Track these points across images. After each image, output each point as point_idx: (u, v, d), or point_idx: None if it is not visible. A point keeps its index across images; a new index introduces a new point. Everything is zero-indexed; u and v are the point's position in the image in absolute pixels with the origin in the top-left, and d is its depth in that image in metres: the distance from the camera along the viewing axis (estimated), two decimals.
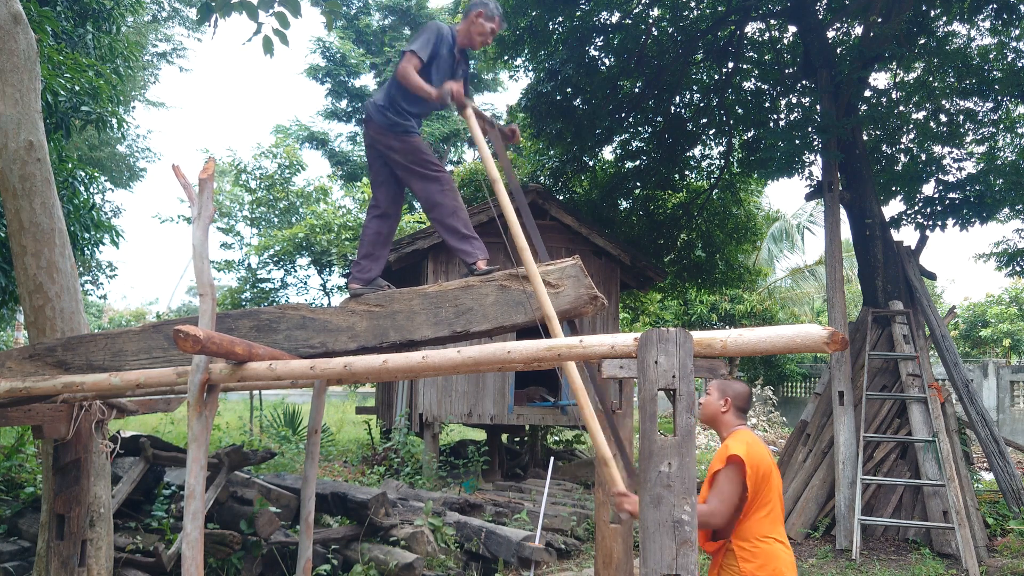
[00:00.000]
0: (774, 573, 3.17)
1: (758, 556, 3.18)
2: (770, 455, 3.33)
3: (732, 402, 3.40)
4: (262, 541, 5.87)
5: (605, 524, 4.59)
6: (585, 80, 11.51)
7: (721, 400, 3.41)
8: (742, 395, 3.41)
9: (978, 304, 23.49)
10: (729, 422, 3.40)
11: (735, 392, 3.41)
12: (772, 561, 3.18)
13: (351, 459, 12.32)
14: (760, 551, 3.19)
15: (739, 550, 3.21)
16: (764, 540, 3.21)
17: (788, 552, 3.28)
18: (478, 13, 4.12)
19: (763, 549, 3.19)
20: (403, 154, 4.05)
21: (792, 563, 3.26)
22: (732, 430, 3.38)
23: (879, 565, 7.55)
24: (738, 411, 3.41)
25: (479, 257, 3.92)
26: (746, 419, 3.51)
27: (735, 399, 3.40)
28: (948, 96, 10.40)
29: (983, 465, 12.66)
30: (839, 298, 9.20)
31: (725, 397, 3.41)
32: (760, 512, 3.23)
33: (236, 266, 15.68)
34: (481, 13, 4.12)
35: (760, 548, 3.19)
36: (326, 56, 24.70)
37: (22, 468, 7.13)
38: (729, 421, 3.40)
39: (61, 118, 7.10)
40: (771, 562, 3.18)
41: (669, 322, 20.86)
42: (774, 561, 3.18)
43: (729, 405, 3.40)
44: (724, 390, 3.42)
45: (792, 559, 3.28)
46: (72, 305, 4.49)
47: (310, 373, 3.01)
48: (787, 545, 3.31)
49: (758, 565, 3.17)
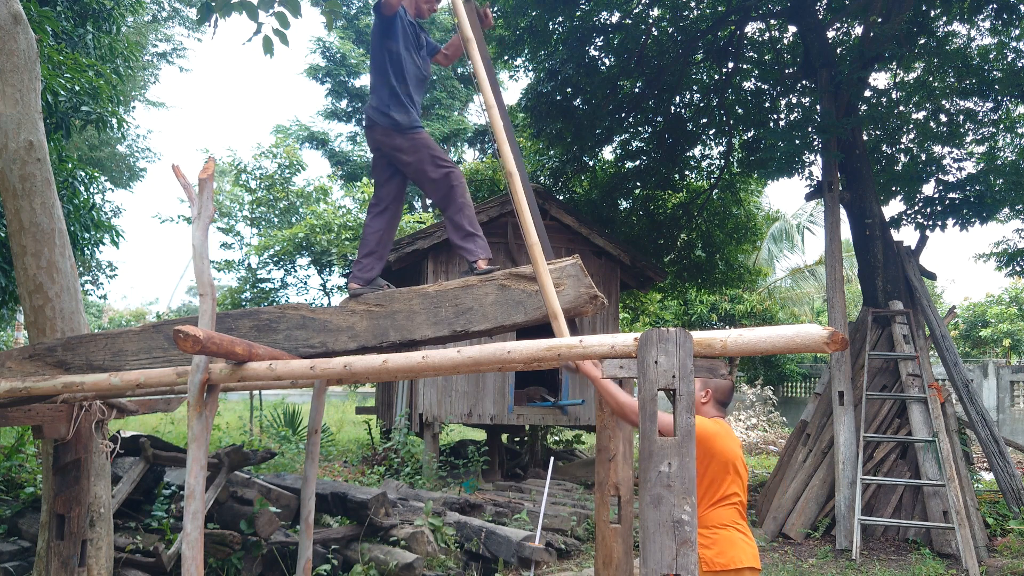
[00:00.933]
0: (732, 560, 3.23)
1: (717, 543, 3.25)
2: (738, 449, 3.39)
3: (712, 394, 3.47)
4: (262, 541, 5.87)
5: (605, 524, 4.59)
6: (585, 80, 11.51)
7: (702, 391, 3.47)
8: (723, 389, 3.48)
9: (978, 304, 23.49)
10: (707, 413, 3.47)
11: (716, 385, 3.48)
12: (731, 548, 3.25)
13: (351, 459, 12.32)
14: (720, 537, 3.26)
15: (699, 536, 3.26)
16: (724, 527, 3.28)
17: (750, 542, 3.33)
18: None
19: (722, 535, 3.26)
20: (411, 153, 4.04)
21: (754, 554, 3.31)
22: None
23: (879, 565, 7.55)
24: (717, 404, 3.48)
25: (481, 256, 3.91)
26: (725, 412, 3.56)
27: (715, 391, 3.47)
28: (948, 96, 10.40)
29: (983, 465, 12.67)
30: (839, 298, 9.20)
31: (706, 389, 3.48)
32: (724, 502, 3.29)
33: (236, 266, 15.69)
34: None
35: (720, 535, 3.26)
36: (326, 56, 24.72)
37: (22, 468, 7.13)
38: (707, 412, 3.47)
39: (61, 118, 7.10)
40: (730, 548, 3.25)
41: (669, 322, 20.86)
42: (733, 548, 3.25)
43: (709, 396, 3.47)
44: (706, 382, 3.49)
45: (755, 550, 3.34)
46: (72, 305, 4.49)
47: (310, 373, 3.01)
48: (749, 535, 3.36)
49: (717, 551, 3.24)
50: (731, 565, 3.24)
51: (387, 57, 4.06)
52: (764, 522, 8.83)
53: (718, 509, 3.30)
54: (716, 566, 3.24)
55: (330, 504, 6.69)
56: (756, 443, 17.27)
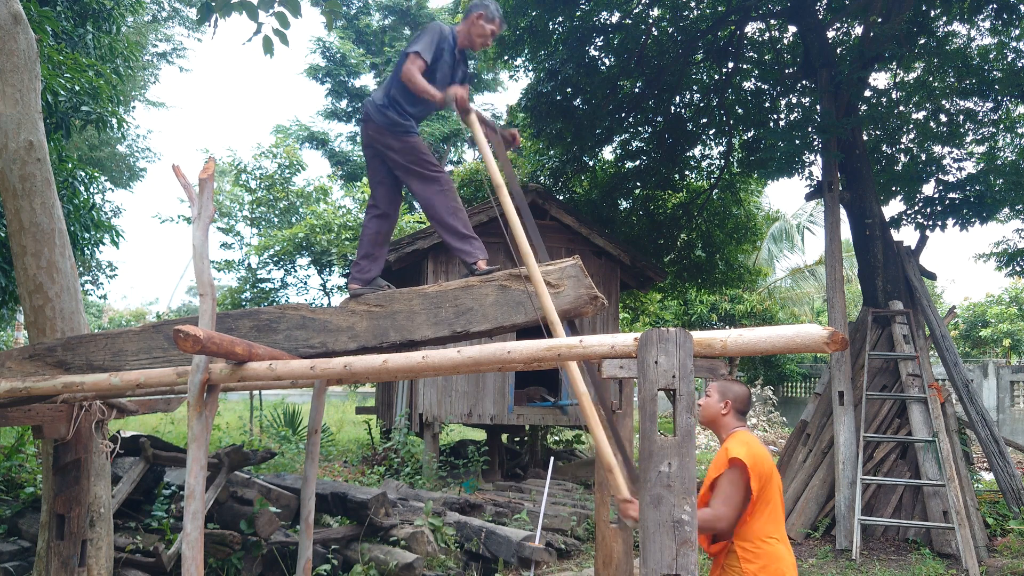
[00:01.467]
0: (776, 574, 3.17)
1: (761, 557, 3.18)
2: (770, 456, 3.34)
3: (732, 404, 3.40)
4: (262, 541, 5.87)
5: (605, 524, 4.60)
6: (585, 80, 11.51)
7: (721, 403, 3.41)
8: (742, 397, 3.41)
9: (978, 304, 23.49)
10: (729, 424, 3.40)
11: (735, 394, 3.41)
12: (775, 562, 3.19)
13: (351, 459, 12.32)
14: (763, 552, 3.19)
15: (741, 551, 3.21)
16: (766, 541, 3.21)
17: (789, 552, 3.28)
18: (479, 15, 4.11)
19: (765, 550, 3.19)
20: (402, 154, 4.05)
21: (793, 564, 3.27)
22: (731, 432, 3.38)
23: (879, 565, 7.55)
24: (738, 413, 3.41)
25: (479, 257, 3.92)
26: (745, 421, 3.52)
27: (735, 401, 3.41)
28: (948, 96, 10.40)
29: (983, 465, 12.66)
30: (839, 298, 9.20)
31: (725, 400, 3.41)
32: (762, 513, 3.23)
33: (236, 266, 15.69)
34: (482, 15, 4.11)
35: (763, 549, 3.19)
36: (326, 56, 24.70)
37: (22, 468, 7.13)
38: (729, 423, 3.40)
39: (61, 118, 7.10)
40: (773, 563, 3.18)
41: (669, 322, 20.86)
42: (777, 562, 3.19)
43: (729, 407, 3.40)
44: (724, 392, 3.42)
45: (793, 560, 3.29)
46: (72, 305, 4.49)
47: (310, 373, 3.01)
48: (788, 545, 3.31)
49: (761, 566, 3.17)
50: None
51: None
52: None
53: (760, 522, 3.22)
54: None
55: (330, 504, 6.69)
56: None
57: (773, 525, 3.25)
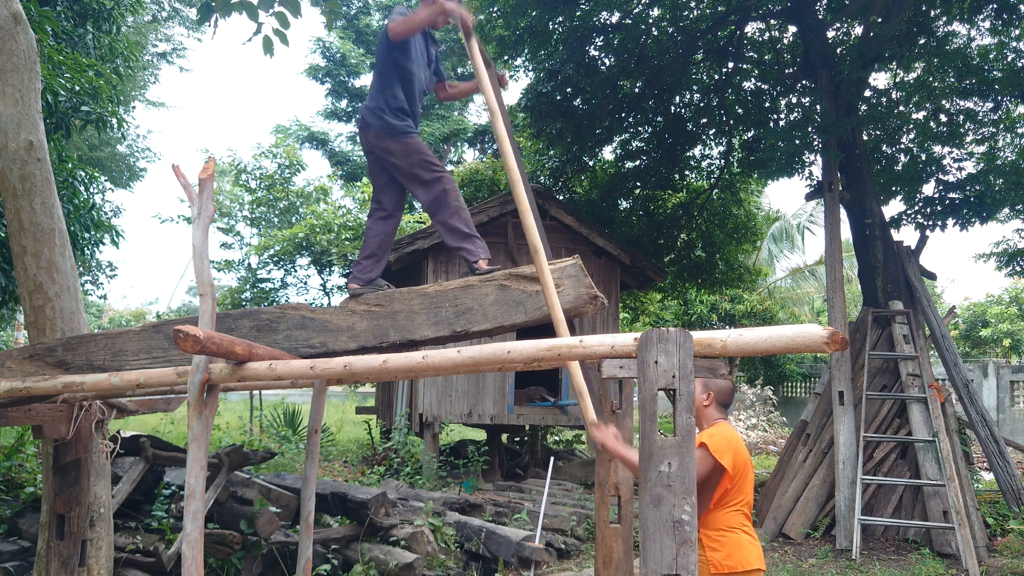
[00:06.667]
0: (741, 562, 3.25)
1: (725, 545, 3.26)
2: (746, 450, 3.40)
3: (714, 396, 3.47)
4: (262, 541, 5.87)
5: (605, 524, 4.59)
6: (585, 80, 11.51)
7: (704, 394, 3.47)
8: (724, 390, 3.48)
9: (978, 304, 23.48)
10: (710, 415, 3.46)
11: (718, 387, 3.47)
12: (739, 551, 3.26)
13: (351, 459, 12.32)
14: (727, 540, 3.27)
15: (706, 539, 3.29)
16: (731, 530, 3.29)
17: (755, 543, 3.35)
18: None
19: (730, 538, 3.27)
20: (402, 157, 4.04)
21: (759, 555, 3.33)
22: (712, 423, 3.45)
23: (879, 565, 7.55)
24: (720, 406, 3.48)
25: (481, 256, 3.91)
26: (727, 414, 3.57)
27: (718, 394, 3.47)
28: (948, 96, 10.40)
29: (983, 465, 12.66)
30: (839, 298, 9.20)
31: (708, 391, 3.47)
32: (731, 505, 3.30)
33: (236, 266, 15.69)
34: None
35: (728, 537, 3.27)
36: (326, 56, 24.71)
37: (22, 468, 7.13)
38: (710, 415, 3.47)
39: (61, 118, 7.10)
40: (737, 551, 3.26)
41: (669, 322, 20.86)
42: (741, 551, 3.26)
43: (711, 399, 3.47)
44: (707, 384, 3.48)
45: (759, 551, 3.35)
46: (72, 305, 4.49)
47: (310, 373, 3.01)
48: (755, 537, 3.38)
49: (725, 554, 3.25)
50: (739, 568, 3.25)
51: (392, 66, 4.05)
52: (764, 522, 8.82)
53: (726, 512, 3.30)
54: (724, 568, 3.24)
55: (330, 504, 6.69)
56: (756, 443, 17.29)
57: (741, 518, 3.32)
